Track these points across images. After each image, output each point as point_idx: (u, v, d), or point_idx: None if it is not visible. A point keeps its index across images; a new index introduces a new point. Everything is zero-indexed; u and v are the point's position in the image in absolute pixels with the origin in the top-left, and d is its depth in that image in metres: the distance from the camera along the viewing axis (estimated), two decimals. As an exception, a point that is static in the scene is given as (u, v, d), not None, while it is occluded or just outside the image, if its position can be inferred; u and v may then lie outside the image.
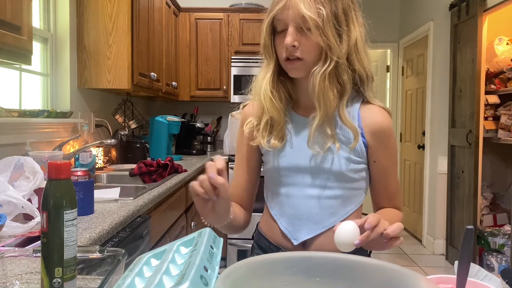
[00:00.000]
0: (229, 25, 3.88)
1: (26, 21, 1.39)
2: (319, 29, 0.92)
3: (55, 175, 0.63)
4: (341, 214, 1.02)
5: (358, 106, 1.02)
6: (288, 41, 0.93)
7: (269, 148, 1.04)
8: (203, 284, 0.55)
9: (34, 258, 0.74)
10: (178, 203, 2.31)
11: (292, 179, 1.03)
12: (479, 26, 3.24)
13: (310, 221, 1.02)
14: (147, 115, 3.69)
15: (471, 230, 0.61)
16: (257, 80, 1.06)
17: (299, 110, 1.06)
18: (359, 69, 0.99)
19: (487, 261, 3.33)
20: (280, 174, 1.05)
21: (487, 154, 3.60)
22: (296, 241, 1.02)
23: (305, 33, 0.93)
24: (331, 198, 1.01)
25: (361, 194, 1.05)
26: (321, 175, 1.00)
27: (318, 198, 1.01)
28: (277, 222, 1.06)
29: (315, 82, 0.95)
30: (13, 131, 1.86)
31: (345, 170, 0.99)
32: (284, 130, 1.04)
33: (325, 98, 0.95)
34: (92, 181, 1.40)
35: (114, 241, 1.33)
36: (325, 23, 0.92)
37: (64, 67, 2.39)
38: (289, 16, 0.93)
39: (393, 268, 0.61)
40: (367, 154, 1.02)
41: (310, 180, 1.01)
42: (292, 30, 0.93)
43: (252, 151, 1.11)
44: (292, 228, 1.04)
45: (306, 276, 0.63)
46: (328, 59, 0.95)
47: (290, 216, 1.04)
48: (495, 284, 0.66)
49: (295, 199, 1.03)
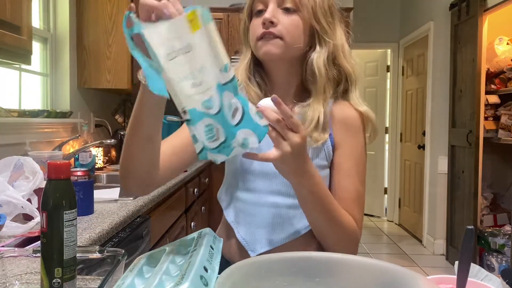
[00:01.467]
0: (229, 25, 3.87)
1: (25, 21, 1.39)
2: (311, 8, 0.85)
3: (54, 175, 0.63)
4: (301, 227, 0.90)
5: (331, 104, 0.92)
6: (267, 15, 0.84)
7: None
8: (203, 284, 0.55)
9: (33, 258, 0.74)
10: (178, 203, 2.31)
11: (253, 184, 0.93)
12: (479, 26, 3.24)
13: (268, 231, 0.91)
14: (147, 115, 3.68)
15: (471, 230, 0.61)
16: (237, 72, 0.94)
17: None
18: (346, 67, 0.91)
19: (488, 261, 3.33)
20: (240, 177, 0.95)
21: (487, 154, 3.60)
22: (253, 253, 0.92)
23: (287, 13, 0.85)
24: (293, 208, 0.90)
25: None
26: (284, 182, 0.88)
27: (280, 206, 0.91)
28: (234, 230, 0.96)
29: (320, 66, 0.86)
30: (12, 131, 1.86)
31: None
32: None
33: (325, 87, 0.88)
34: (92, 181, 1.40)
35: (114, 241, 1.32)
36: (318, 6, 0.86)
37: (64, 67, 2.39)
38: None
39: (393, 268, 0.61)
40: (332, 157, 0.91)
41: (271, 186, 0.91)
42: (272, 6, 0.85)
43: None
44: (249, 238, 0.93)
45: (306, 276, 0.63)
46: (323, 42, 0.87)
47: (247, 224, 0.94)
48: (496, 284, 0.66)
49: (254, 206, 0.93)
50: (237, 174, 0.96)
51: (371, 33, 4.82)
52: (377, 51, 5.27)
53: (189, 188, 2.62)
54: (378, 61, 5.32)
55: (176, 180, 2.22)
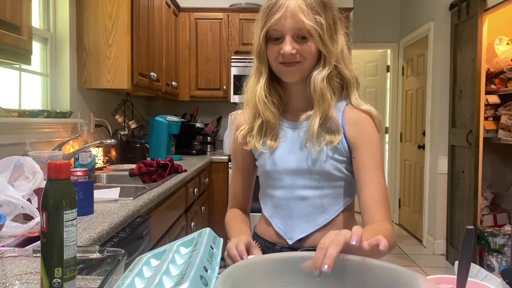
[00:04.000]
0: (229, 25, 3.87)
1: (25, 21, 1.39)
2: (319, 36, 0.97)
3: (54, 175, 0.63)
4: (332, 212, 1.07)
5: (343, 108, 1.06)
6: (287, 49, 0.97)
7: (265, 150, 1.09)
8: (203, 284, 0.55)
9: (33, 258, 0.74)
10: (178, 203, 2.31)
11: (283, 182, 1.08)
12: (479, 26, 3.24)
13: (302, 220, 1.07)
14: (147, 115, 3.69)
15: (471, 230, 0.61)
16: (248, 87, 1.11)
17: (287, 115, 1.11)
18: (347, 75, 1.05)
19: (487, 261, 3.33)
20: (272, 177, 1.10)
21: (487, 154, 3.60)
22: (290, 241, 1.08)
23: (301, 41, 0.99)
24: (321, 198, 1.06)
25: (348, 194, 1.09)
26: (310, 176, 1.05)
27: (309, 198, 1.06)
28: (272, 223, 1.12)
29: (317, 84, 1.00)
30: (12, 131, 1.86)
31: (331, 169, 1.04)
32: (278, 132, 1.09)
33: (324, 99, 1.01)
34: (91, 181, 1.40)
35: (114, 241, 1.32)
36: (325, 31, 0.98)
37: (64, 67, 2.39)
38: (287, 26, 0.97)
39: (394, 268, 0.61)
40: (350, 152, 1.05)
41: (300, 181, 1.06)
42: (289, 38, 0.98)
43: (246, 157, 1.17)
44: (286, 229, 1.09)
45: (306, 276, 0.63)
46: (327, 63, 1.01)
47: (283, 217, 1.09)
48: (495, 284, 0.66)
49: (287, 201, 1.08)
50: (267, 175, 1.11)
51: (371, 33, 4.82)
52: (377, 51, 5.26)
53: (189, 188, 2.62)
54: (378, 61, 5.32)
55: (176, 180, 2.22)
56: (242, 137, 1.13)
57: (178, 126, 3.39)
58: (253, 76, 1.09)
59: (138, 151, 2.91)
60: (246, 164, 1.18)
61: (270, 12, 0.99)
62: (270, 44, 1.02)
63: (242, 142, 1.13)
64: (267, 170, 1.10)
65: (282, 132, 1.10)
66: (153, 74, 2.84)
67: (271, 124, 1.08)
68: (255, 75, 1.08)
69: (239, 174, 1.20)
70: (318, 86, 1.00)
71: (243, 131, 1.13)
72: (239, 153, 1.17)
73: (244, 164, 1.19)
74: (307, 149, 1.04)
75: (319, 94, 1.01)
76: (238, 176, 1.21)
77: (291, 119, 1.10)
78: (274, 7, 0.98)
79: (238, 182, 1.21)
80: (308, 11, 0.96)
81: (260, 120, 1.08)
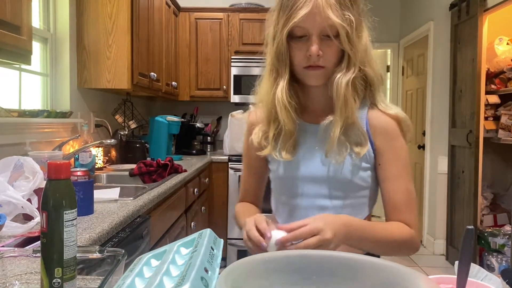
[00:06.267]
0: (229, 25, 3.87)
1: (25, 21, 1.39)
2: (347, 35, 0.88)
3: (54, 175, 0.63)
4: None
5: (366, 110, 0.99)
6: (314, 50, 0.88)
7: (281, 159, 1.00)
8: (204, 285, 0.55)
9: (33, 258, 0.74)
10: (178, 203, 2.31)
11: (302, 189, 1.00)
12: (479, 26, 3.24)
13: None
14: (147, 115, 3.69)
15: (471, 230, 0.61)
16: (262, 88, 1.01)
17: (305, 116, 1.02)
18: (370, 72, 0.96)
19: (487, 261, 3.33)
20: (289, 184, 1.02)
21: (487, 154, 3.59)
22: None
23: (327, 40, 0.89)
24: (342, 208, 0.98)
25: (370, 203, 1.03)
26: (330, 185, 0.98)
27: (328, 208, 0.98)
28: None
29: (340, 90, 0.91)
30: (12, 131, 1.86)
31: (353, 178, 0.96)
32: (296, 139, 1.00)
33: (347, 105, 0.92)
34: (91, 181, 1.40)
35: (114, 241, 1.32)
36: (353, 29, 0.89)
37: (64, 67, 2.39)
38: (315, 23, 0.87)
39: (393, 266, 0.61)
40: (374, 159, 0.98)
41: (319, 190, 0.99)
42: (316, 38, 0.88)
43: (259, 160, 1.09)
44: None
45: (304, 274, 0.63)
46: (351, 65, 0.92)
47: None
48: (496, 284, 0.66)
49: (305, 210, 1.00)
50: (282, 181, 1.04)
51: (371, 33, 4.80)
52: (377, 51, 5.26)
53: (189, 188, 2.62)
54: (378, 61, 5.30)
55: (176, 180, 2.22)
56: (257, 141, 1.03)
57: (178, 126, 3.39)
58: (268, 76, 0.98)
59: (138, 151, 2.91)
60: (258, 165, 1.11)
61: (294, 6, 0.87)
62: (292, 43, 0.91)
63: (257, 148, 1.04)
64: (283, 176, 1.02)
65: (300, 135, 1.00)
66: (153, 74, 2.84)
67: (289, 132, 0.98)
68: (270, 75, 0.97)
69: (250, 173, 1.15)
70: (341, 91, 0.91)
71: (257, 134, 1.03)
72: (251, 153, 1.09)
73: (255, 164, 1.12)
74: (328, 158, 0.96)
75: (342, 101, 0.92)
76: (249, 175, 1.15)
77: (310, 121, 1.01)
78: (298, 2, 0.86)
79: (249, 181, 1.16)
80: (336, 6, 0.86)
81: (276, 125, 0.99)
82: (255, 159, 1.10)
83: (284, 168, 1.01)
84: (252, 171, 1.14)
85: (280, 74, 0.96)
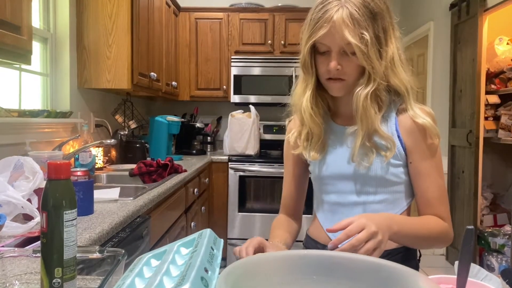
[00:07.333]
0: (229, 25, 3.87)
1: (25, 21, 1.39)
2: (363, 54, 0.93)
3: (54, 175, 0.63)
4: None
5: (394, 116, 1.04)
6: (332, 66, 0.96)
7: (310, 158, 1.09)
8: (204, 285, 0.55)
9: (33, 259, 0.74)
10: (178, 203, 2.31)
11: (336, 187, 1.07)
12: (479, 26, 3.24)
13: None
14: (147, 115, 3.69)
15: (471, 230, 0.61)
16: (295, 95, 1.09)
17: (337, 119, 1.11)
18: (394, 83, 1.00)
19: (487, 261, 3.33)
20: (323, 182, 1.10)
21: (487, 154, 3.59)
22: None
23: (347, 56, 0.96)
24: (376, 203, 1.04)
25: (406, 197, 1.06)
26: (363, 182, 1.03)
27: (363, 204, 1.04)
28: (324, 228, 1.11)
29: (359, 103, 0.98)
30: (12, 131, 1.86)
31: (385, 174, 1.01)
32: (324, 142, 1.08)
33: (367, 116, 0.99)
34: (91, 181, 1.40)
35: (114, 241, 1.32)
36: (370, 47, 0.94)
37: (64, 67, 2.39)
38: (333, 42, 0.94)
39: (393, 266, 0.61)
40: (406, 157, 1.03)
41: (353, 187, 1.05)
42: (335, 54, 0.96)
43: (298, 162, 1.18)
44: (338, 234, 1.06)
45: (303, 274, 0.63)
46: (371, 80, 0.97)
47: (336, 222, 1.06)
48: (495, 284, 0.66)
49: (341, 207, 1.07)
50: (318, 180, 1.11)
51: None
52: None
53: (189, 188, 2.62)
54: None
55: (176, 180, 2.22)
56: (293, 140, 1.13)
57: (178, 126, 3.39)
58: (300, 84, 1.07)
59: (138, 151, 2.91)
60: (297, 169, 1.19)
61: (316, 25, 0.95)
62: (318, 56, 1.00)
63: (293, 146, 1.13)
64: (318, 176, 1.10)
65: (331, 136, 1.08)
66: (153, 74, 2.84)
67: (317, 135, 1.06)
68: (302, 83, 1.07)
69: (291, 178, 1.21)
70: (360, 103, 0.98)
71: (294, 135, 1.13)
72: (291, 158, 1.18)
73: (295, 169, 1.19)
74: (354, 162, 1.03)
75: (361, 112, 0.98)
76: (289, 180, 1.21)
77: (341, 123, 1.09)
78: (320, 21, 0.94)
79: (289, 186, 1.21)
80: (353, 27, 0.92)
81: (307, 128, 1.08)
82: (294, 163, 1.19)
83: (318, 168, 1.09)
84: (291, 175, 1.20)
85: (307, 85, 1.05)
